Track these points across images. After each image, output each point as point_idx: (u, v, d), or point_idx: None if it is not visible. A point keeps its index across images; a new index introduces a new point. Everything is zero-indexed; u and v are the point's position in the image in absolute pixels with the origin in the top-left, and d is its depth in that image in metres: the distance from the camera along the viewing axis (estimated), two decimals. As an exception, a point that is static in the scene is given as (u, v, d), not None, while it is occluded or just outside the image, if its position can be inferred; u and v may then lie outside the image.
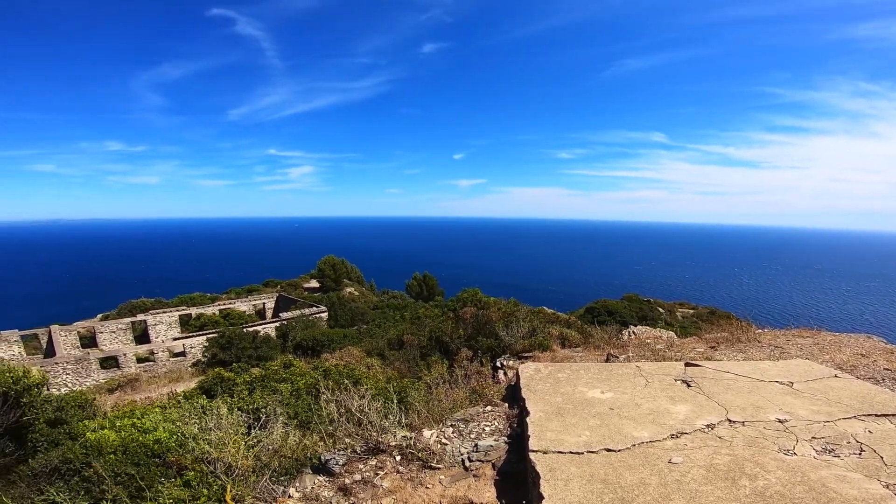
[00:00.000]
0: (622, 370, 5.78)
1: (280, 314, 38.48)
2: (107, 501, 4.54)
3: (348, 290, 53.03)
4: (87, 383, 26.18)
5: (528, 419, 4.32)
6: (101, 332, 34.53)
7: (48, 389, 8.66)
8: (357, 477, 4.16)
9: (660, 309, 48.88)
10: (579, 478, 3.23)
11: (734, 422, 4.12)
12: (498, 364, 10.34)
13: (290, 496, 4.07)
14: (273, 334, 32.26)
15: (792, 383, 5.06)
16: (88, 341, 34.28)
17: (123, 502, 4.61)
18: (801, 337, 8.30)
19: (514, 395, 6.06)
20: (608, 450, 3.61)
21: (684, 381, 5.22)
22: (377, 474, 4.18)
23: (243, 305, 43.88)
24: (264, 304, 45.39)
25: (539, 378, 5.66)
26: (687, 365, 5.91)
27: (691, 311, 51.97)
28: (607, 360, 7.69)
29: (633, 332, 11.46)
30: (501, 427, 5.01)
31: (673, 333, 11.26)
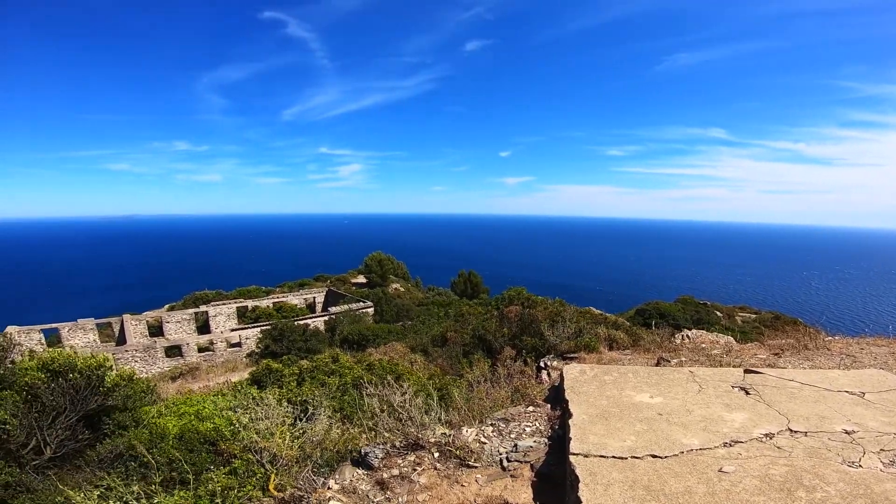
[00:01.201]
0: (674, 375, 5.48)
1: (329, 308, 39.72)
2: (156, 485, 4.83)
3: (394, 286, 53.96)
4: (154, 371, 28.17)
5: (570, 421, 4.19)
6: (168, 322, 36.98)
7: (126, 378, 9.37)
8: (395, 472, 4.19)
9: (717, 313, 46.31)
10: (621, 483, 3.08)
11: (796, 431, 3.81)
12: (542, 364, 10.19)
13: (328, 487, 4.15)
14: (322, 328, 33.36)
15: (863, 394, 4.61)
16: (156, 330, 36.83)
17: (176, 488, 4.88)
18: (875, 346, 7.56)
19: (557, 397, 5.91)
20: (654, 456, 3.42)
21: (742, 389, 4.88)
22: (414, 470, 4.19)
23: (295, 299, 45.64)
24: (314, 298, 47.00)
25: (584, 380, 5.48)
26: (746, 372, 5.52)
27: (753, 316, 48.85)
28: (658, 364, 7.35)
29: (687, 335, 10.89)
30: (542, 428, 4.89)
31: (731, 338, 10.58)
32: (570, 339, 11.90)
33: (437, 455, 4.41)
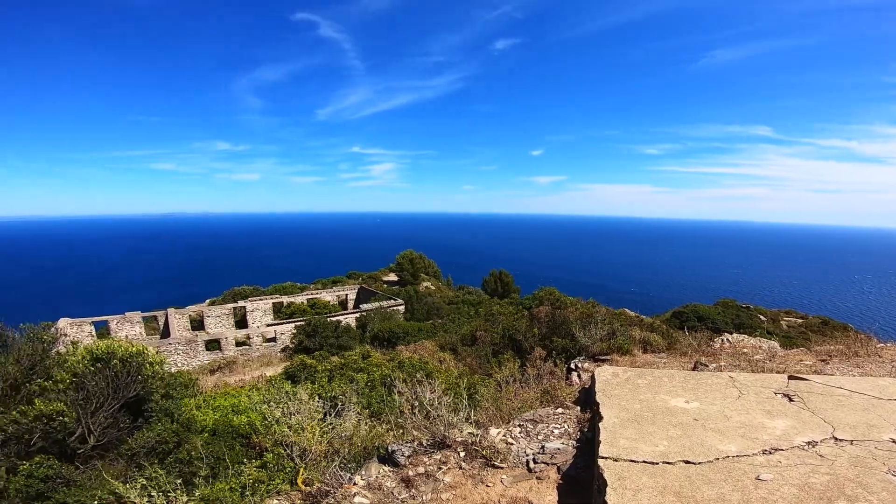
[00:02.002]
0: (712, 380, 5.27)
1: (360, 305, 40.32)
2: (199, 478, 5.01)
3: (425, 284, 54.26)
4: (194, 363, 29.33)
5: (600, 424, 4.09)
6: (209, 317, 38.43)
7: (161, 367, 9.77)
8: (420, 470, 4.21)
9: (760, 317, 44.32)
10: (650, 489, 2.99)
11: (841, 440, 3.60)
12: (572, 366, 10.04)
13: (354, 483, 4.21)
14: (353, 324, 33.91)
15: (919, 403, 4.32)
16: (197, 324, 38.34)
17: (210, 480, 5.05)
18: (935, 354, 7.07)
19: (587, 399, 5.80)
20: (687, 462, 3.30)
21: (786, 395, 4.64)
22: (440, 469, 4.19)
23: (328, 296, 46.60)
24: (347, 295, 47.84)
25: (616, 383, 5.34)
26: (791, 378, 5.26)
27: (799, 321, 46.48)
28: (695, 369, 7.10)
29: (727, 339, 10.47)
30: (571, 430, 4.80)
31: (775, 343, 10.11)
32: (602, 341, 11.68)
33: (462, 454, 4.40)
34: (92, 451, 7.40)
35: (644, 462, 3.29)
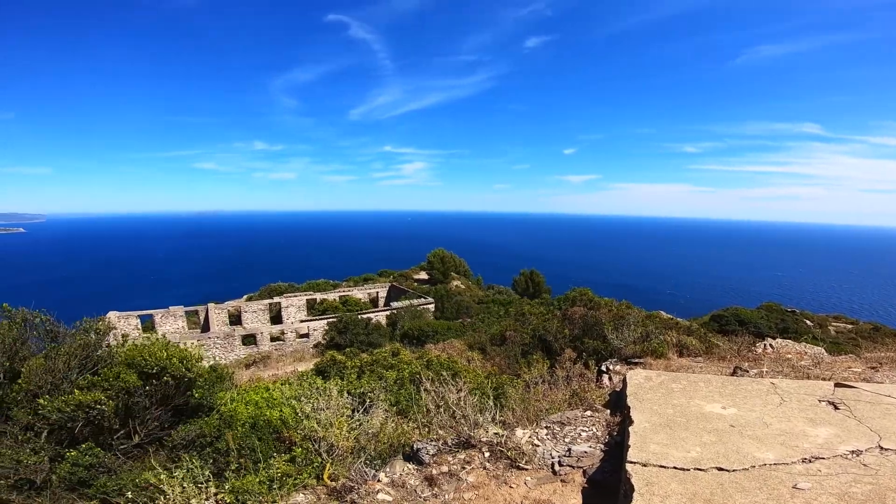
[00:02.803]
0: (752, 386, 5.06)
1: (391, 303, 40.78)
2: (230, 470, 5.18)
3: (455, 283, 54.33)
4: (231, 357, 30.38)
5: (630, 428, 4.00)
6: (246, 312, 39.69)
7: (200, 361, 10.10)
8: (444, 469, 4.22)
9: (807, 322, 42.15)
10: (679, 495, 2.89)
11: (886, 449, 3.40)
12: (603, 368, 9.87)
13: (378, 480, 4.25)
14: (384, 322, 34.33)
15: (976, 414, 4.02)
16: (235, 319, 39.68)
17: (242, 473, 5.22)
18: None
19: (618, 402, 5.67)
20: (720, 469, 3.18)
21: (831, 403, 4.40)
22: (464, 468, 4.19)
23: (359, 293, 47.35)
24: (377, 292, 48.48)
25: (649, 386, 5.21)
26: (837, 385, 4.98)
27: (849, 327, 43.92)
28: (734, 374, 6.84)
29: (770, 345, 10.02)
30: (599, 434, 4.71)
31: (822, 349, 9.60)
32: (635, 344, 11.42)
33: (487, 454, 4.39)
34: (134, 449, 7.74)
35: (674, 468, 3.20)
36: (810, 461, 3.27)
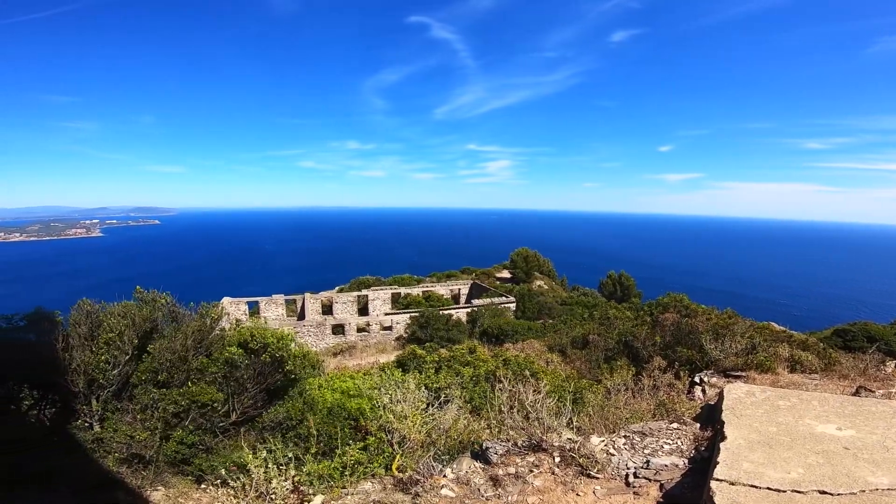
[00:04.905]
0: (877, 407, 4.31)
1: (472, 300, 40.97)
2: (309, 454, 5.47)
3: (538, 282, 53.18)
4: (321, 345, 32.46)
5: (721, 444, 3.58)
6: (336, 303, 42.23)
7: (293, 342, 10.88)
8: (511, 470, 4.09)
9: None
10: (771, 520, 2.51)
11: None
12: (697, 379, 9.10)
13: (444, 475, 4.23)
14: (464, 319, 34.58)
15: None
16: (327, 309, 42.39)
17: (319, 457, 5.48)
18: None
19: (710, 416, 5.13)
20: (823, 492, 2.72)
21: None
22: (531, 471, 4.03)
23: (442, 289, 48.18)
24: (459, 289, 48.98)
25: (751, 402, 4.64)
26: None
27: None
28: (856, 394, 5.89)
29: (906, 366, 8.52)
30: (685, 448, 4.27)
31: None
32: (737, 356, 10.43)
33: (557, 459, 4.19)
34: (231, 427, 8.46)
35: (768, 489, 2.79)
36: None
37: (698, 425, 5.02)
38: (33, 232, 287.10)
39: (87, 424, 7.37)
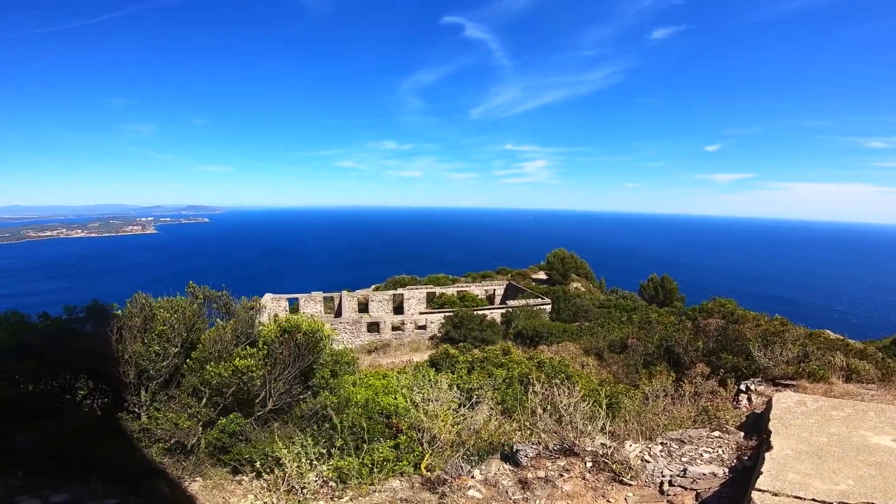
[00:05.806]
0: (942, 422, 4.00)
1: (507, 301, 40.66)
2: (338, 448, 5.57)
3: (575, 284, 52.18)
4: (357, 343, 33.06)
5: (766, 454, 3.41)
6: (372, 301, 42.91)
7: (332, 344, 11.18)
8: (540, 473, 4.03)
9: None
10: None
11: None
12: (743, 387, 8.75)
13: (472, 476, 4.22)
14: (498, 320, 34.37)
15: None
16: (363, 307, 43.13)
17: (349, 451, 5.58)
18: None
19: (755, 425, 4.91)
20: (871, 504, 2.55)
21: None
22: (561, 476, 3.96)
23: (477, 289, 48.08)
24: (494, 290, 48.72)
25: (801, 412, 4.41)
26: None
27: None
28: (920, 408, 5.47)
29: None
30: (726, 457, 4.09)
31: None
32: (788, 364, 9.91)
33: (589, 465, 4.10)
34: (268, 415, 8.74)
35: (814, 500, 2.65)
36: None
37: (742, 434, 4.81)
38: (94, 228, 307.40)
39: (135, 414, 7.74)
